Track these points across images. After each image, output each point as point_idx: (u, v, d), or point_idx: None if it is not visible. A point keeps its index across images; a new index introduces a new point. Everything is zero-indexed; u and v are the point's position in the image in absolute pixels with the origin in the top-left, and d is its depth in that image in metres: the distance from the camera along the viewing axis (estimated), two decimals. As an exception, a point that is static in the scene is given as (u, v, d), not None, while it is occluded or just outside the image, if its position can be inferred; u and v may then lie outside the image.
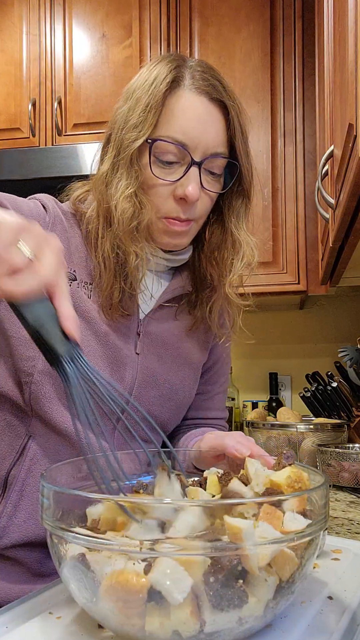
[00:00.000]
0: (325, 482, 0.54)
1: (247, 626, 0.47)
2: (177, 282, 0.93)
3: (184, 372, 0.95)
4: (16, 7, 2.25)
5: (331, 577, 0.63)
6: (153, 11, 2.13)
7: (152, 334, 0.90)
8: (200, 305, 0.95)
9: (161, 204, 0.83)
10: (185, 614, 0.44)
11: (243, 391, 2.44)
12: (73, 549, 0.49)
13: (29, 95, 2.21)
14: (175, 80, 0.81)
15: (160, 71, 0.81)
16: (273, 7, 2.06)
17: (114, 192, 0.81)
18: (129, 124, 0.81)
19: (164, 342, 0.92)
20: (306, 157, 2.03)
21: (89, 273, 0.86)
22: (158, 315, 0.92)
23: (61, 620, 0.53)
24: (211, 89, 0.82)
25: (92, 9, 2.18)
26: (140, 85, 0.82)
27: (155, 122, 0.80)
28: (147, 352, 0.89)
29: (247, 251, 0.90)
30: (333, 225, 1.16)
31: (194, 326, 0.96)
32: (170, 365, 0.92)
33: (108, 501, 0.51)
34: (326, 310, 2.38)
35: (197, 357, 0.98)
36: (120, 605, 0.45)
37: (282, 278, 2.00)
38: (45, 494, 0.51)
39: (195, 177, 0.81)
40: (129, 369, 0.87)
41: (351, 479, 1.27)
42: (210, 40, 2.10)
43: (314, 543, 0.51)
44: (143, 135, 0.79)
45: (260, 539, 0.45)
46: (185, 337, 0.95)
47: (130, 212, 0.80)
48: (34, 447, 0.82)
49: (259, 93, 2.05)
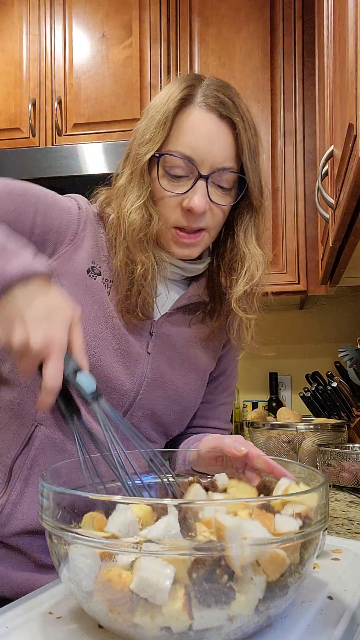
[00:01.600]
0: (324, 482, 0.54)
1: (238, 625, 0.46)
2: (193, 289, 0.95)
3: (191, 377, 0.96)
4: (16, 7, 2.25)
5: (331, 577, 0.63)
6: (153, 11, 2.13)
7: (164, 335, 0.93)
8: (217, 316, 0.97)
9: (169, 214, 0.86)
10: (177, 608, 0.44)
11: (243, 391, 2.44)
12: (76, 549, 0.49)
13: (29, 95, 2.21)
14: (187, 97, 0.85)
15: (174, 89, 0.85)
16: (273, 7, 2.06)
17: (125, 203, 0.86)
18: (143, 139, 0.86)
19: (174, 345, 0.94)
20: (306, 157, 2.03)
21: (111, 271, 0.89)
22: (172, 319, 0.94)
23: (61, 620, 0.53)
24: (220, 107, 0.84)
25: (92, 9, 2.18)
26: (156, 102, 0.87)
27: (165, 137, 0.84)
28: (157, 352, 0.91)
29: (251, 266, 0.91)
30: (333, 225, 1.16)
31: (209, 336, 0.97)
32: (178, 368, 0.94)
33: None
34: (326, 310, 2.38)
35: (206, 364, 0.99)
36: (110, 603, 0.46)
37: (282, 278, 2.00)
38: (45, 494, 0.51)
39: (202, 190, 0.84)
40: (139, 366, 0.89)
41: (351, 479, 1.27)
42: (210, 40, 2.09)
43: (312, 544, 0.51)
44: (152, 149, 0.84)
45: (242, 539, 0.45)
46: (196, 343, 0.97)
47: (139, 222, 0.84)
48: (41, 436, 0.84)
49: (259, 93, 2.05)
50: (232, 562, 0.45)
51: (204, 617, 0.45)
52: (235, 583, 0.45)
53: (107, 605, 0.46)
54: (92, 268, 0.88)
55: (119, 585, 0.45)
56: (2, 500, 0.83)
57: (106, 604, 0.46)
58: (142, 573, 0.44)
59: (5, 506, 0.83)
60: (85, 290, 0.86)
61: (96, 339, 0.85)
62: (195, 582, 0.44)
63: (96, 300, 0.87)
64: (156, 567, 0.44)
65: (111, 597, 0.46)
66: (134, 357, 0.88)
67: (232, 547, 0.44)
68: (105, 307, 0.87)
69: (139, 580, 0.44)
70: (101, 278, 0.88)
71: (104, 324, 0.86)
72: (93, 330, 0.85)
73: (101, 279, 0.88)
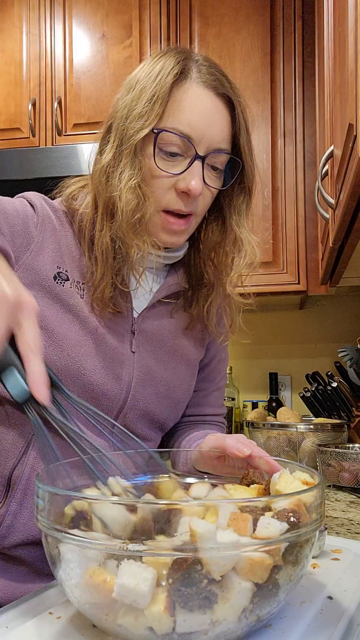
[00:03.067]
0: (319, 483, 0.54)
1: (224, 629, 0.46)
2: (173, 278, 0.92)
3: (181, 369, 0.94)
4: (16, 7, 2.25)
5: (331, 577, 0.63)
6: (153, 11, 2.13)
7: (147, 331, 0.90)
8: (197, 303, 0.94)
9: (162, 195, 0.82)
10: (158, 610, 0.44)
11: (243, 391, 2.44)
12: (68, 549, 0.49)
13: (29, 95, 2.21)
14: (183, 72, 0.80)
15: (167, 63, 0.80)
16: (273, 7, 2.06)
17: (117, 182, 0.80)
18: (133, 113, 0.80)
19: (159, 340, 0.91)
20: (306, 157, 2.03)
21: (81, 272, 0.85)
22: (153, 313, 0.91)
23: (61, 620, 0.53)
24: (218, 84, 0.81)
25: (92, 9, 2.18)
26: (144, 76, 0.81)
27: (162, 112, 0.79)
28: (142, 350, 0.89)
29: (249, 250, 0.90)
30: (333, 225, 1.16)
31: (190, 324, 0.95)
32: (166, 362, 0.92)
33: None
34: (326, 310, 2.38)
35: (194, 354, 0.97)
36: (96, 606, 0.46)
37: (282, 278, 2.00)
38: (40, 495, 0.51)
39: (199, 172, 0.81)
40: (125, 367, 0.86)
41: (351, 479, 1.27)
42: (210, 40, 2.10)
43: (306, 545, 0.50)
44: (149, 125, 0.78)
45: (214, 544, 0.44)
46: (181, 334, 0.95)
47: (134, 203, 0.79)
48: (38, 447, 0.82)
49: (259, 93, 2.05)
50: (208, 567, 0.44)
51: (186, 621, 0.44)
52: (216, 587, 0.44)
53: (94, 608, 0.46)
54: (59, 274, 0.83)
55: (103, 591, 0.44)
56: (2, 512, 0.81)
57: (92, 607, 0.47)
58: (121, 579, 0.43)
59: (6, 517, 0.80)
60: (55, 300, 0.82)
61: (75, 347, 0.81)
62: (174, 585, 0.44)
63: (70, 308, 0.82)
64: (135, 571, 0.44)
65: (96, 602, 0.46)
66: (118, 358, 0.85)
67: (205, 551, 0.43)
68: (80, 312, 0.83)
69: (119, 587, 0.43)
70: (70, 283, 0.83)
71: (82, 331, 0.82)
72: (71, 339, 0.81)
73: (70, 284, 0.83)
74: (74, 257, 0.85)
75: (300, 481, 0.57)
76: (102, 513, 0.48)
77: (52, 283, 0.82)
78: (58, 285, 0.82)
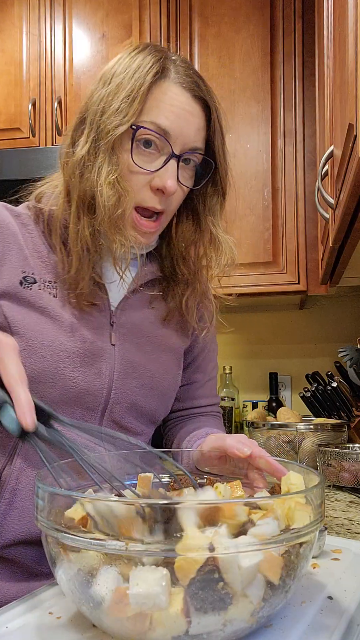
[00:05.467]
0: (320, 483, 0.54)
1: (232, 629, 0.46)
2: (147, 268, 0.93)
3: (165, 359, 0.93)
4: (16, 7, 2.25)
5: (331, 577, 0.63)
6: (153, 11, 2.13)
7: (128, 323, 0.89)
8: (172, 296, 0.95)
9: (137, 192, 0.82)
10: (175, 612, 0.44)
11: (243, 391, 2.43)
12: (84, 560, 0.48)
13: (29, 95, 2.21)
14: (161, 71, 0.81)
15: (145, 60, 0.81)
16: (273, 7, 2.06)
17: (95, 177, 0.80)
18: (110, 108, 0.80)
19: (140, 331, 0.91)
20: (306, 157, 2.03)
21: (51, 271, 0.85)
22: (131, 304, 0.91)
23: (61, 620, 0.53)
24: (195, 87, 0.83)
25: (92, 9, 2.18)
26: (121, 71, 0.81)
27: (140, 110, 0.80)
28: (123, 342, 0.88)
29: (227, 250, 0.91)
30: (333, 225, 1.16)
31: (168, 316, 0.95)
32: (150, 353, 0.91)
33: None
34: (326, 310, 2.38)
35: (178, 343, 0.97)
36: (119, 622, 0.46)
37: (282, 278, 2.00)
38: (40, 495, 0.51)
39: (174, 170, 0.82)
40: (105, 361, 0.86)
41: (351, 479, 1.27)
42: (210, 40, 2.09)
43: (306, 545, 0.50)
44: (127, 121, 0.79)
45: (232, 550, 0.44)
46: (162, 324, 0.94)
47: (115, 199, 0.79)
48: (27, 446, 0.82)
49: (259, 93, 2.05)
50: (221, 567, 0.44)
51: (200, 623, 0.44)
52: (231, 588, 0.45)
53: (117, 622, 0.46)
54: (25, 278, 0.82)
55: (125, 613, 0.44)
56: None
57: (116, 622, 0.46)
58: (133, 589, 0.43)
59: None
60: (25, 304, 0.81)
61: (50, 348, 0.80)
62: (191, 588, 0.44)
63: (41, 309, 0.82)
64: (144, 576, 0.43)
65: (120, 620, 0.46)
66: (97, 353, 0.85)
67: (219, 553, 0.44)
68: (52, 312, 0.82)
69: (134, 597, 0.43)
70: (38, 284, 0.83)
71: (56, 330, 0.82)
72: (45, 340, 0.80)
73: (39, 285, 0.83)
74: (42, 257, 0.85)
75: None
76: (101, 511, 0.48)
77: (19, 289, 0.81)
78: (25, 289, 0.82)
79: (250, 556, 0.45)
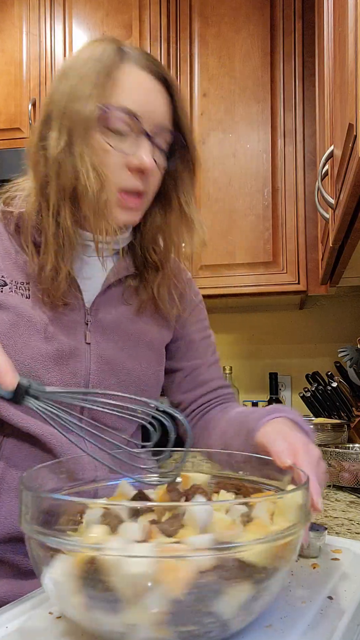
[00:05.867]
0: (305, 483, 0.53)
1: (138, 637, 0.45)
2: (121, 263, 0.91)
3: (144, 354, 0.92)
4: (16, 7, 2.25)
5: (331, 577, 0.63)
6: (153, 11, 2.13)
7: (103, 321, 0.88)
8: (145, 287, 0.93)
9: (117, 176, 0.82)
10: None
11: (243, 391, 2.43)
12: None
13: (29, 95, 2.21)
14: (122, 55, 0.82)
15: (105, 47, 0.82)
16: (273, 7, 2.06)
17: (78, 164, 0.79)
18: (78, 96, 0.79)
19: (116, 328, 0.90)
20: (306, 157, 2.03)
21: (23, 272, 0.84)
22: (105, 301, 0.90)
23: (61, 620, 0.53)
24: (155, 67, 0.84)
25: (92, 9, 2.18)
26: (82, 63, 0.82)
27: (106, 92, 0.80)
28: (99, 340, 0.87)
29: (199, 230, 0.91)
30: (333, 225, 1.16)
31: (140, 308, 0.93)
32: (127, 350, 0.90)
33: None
34: (326, 310, 2.38)
35: (157, 337, 0.95)
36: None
37: (282, 278, 2.00)
38: (23, 500, 0.50)
39: (149, 148, 0.82)
40: (80, 361, 0.85)
41: (351, 479, 1.27)
42: (210, 40, 2.09)
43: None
44: (97, 105, 0.79)
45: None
46: (138, 319, 0.93)
47: (99, 183, 0.79)
48: (10, 447, 0.82)
49: (259, 93, 2.05)
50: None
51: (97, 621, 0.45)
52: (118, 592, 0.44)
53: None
54: None
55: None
56: None
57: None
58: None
59: None
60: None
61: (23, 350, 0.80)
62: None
63: (13, 312, 0.81)
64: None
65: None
66: (72, 353, 0.84)
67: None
68: (24, 313, 0.82)
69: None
70: (9, 287, 0.83)
71: (29, 332, 0.81)
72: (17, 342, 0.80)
73: (10, 288, 0.83)
74: (12, 259, 0.85)
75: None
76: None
77: None
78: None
79: (143, 564, 0.43)
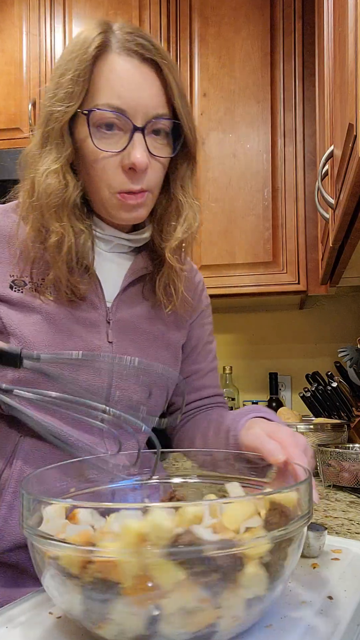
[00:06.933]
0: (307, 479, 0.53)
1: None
2: (139, 262, 0.89)
3: (162, 354, 0.91)
4: (16, 7, 2.25)
5: (331, 577, 0.63)
6: (153, 11, 2.13)
7: (123, 320, 0.87)
8: (158, 284, 0.91)
9: (111, 178, 0.78)
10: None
11: (243, 391, 2.43)
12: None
13: (29, 95, 2.21)
14: (102, 45, 0.76)
15: (86, 39, 0.77)
16: (273, 7, 2.06)
17: (39, 167, 0.78)
18: (57, 97, 0.76)
19: (136, 327, 0.89)
20: (306, 157, 2.03)
21: (43, 271, 0.83)
22: (125, 299, 0.88)
23: (61, 620, 0.53)
24: (141, 49, 0.77)
25: (92, 9, 2.18)
26: (66, 56, 0.78)
27: (86, 91, 0.76)
28: (120, 339, 0.86)
29: (189, 215, 0.86)
30: (333, 225, 1.16)
31: (157, 308, 0.92)
32: (147, 349, 0.89)
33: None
34: (326, 310, 2.38)
35: (174, 337, 0.95)
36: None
37: (282, 278, 2.00)
38: (24, 503, 0.50)
39: (141, 143, 0.76)
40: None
41: (351, 479, 1.27)
42: (210, 40, 2.09)
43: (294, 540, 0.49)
44: (74, 106, 0.75)
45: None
46: (157, 318, 0.92)
47: (54, 187, 0.77)
48: (26, 448, 0.81)
49: (259, 93, 2.05)
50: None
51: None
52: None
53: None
54: (14, 282, 0.81)
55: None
56: None
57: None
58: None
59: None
60: (18, 306, 0.80)
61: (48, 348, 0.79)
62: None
63: (35, 311, 0.80)
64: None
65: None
66: (95, 352, 0.83)
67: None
68: (47, 312, 0.81)
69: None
70: (29, 287, 0.81)
71: (52, 330, 0.80)
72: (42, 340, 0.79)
73: (30, 288, 0.81)
74: (30, 258, 0.83)
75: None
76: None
77: (9, 292, 0.81)
78: (16, 293, 0.81)
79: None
